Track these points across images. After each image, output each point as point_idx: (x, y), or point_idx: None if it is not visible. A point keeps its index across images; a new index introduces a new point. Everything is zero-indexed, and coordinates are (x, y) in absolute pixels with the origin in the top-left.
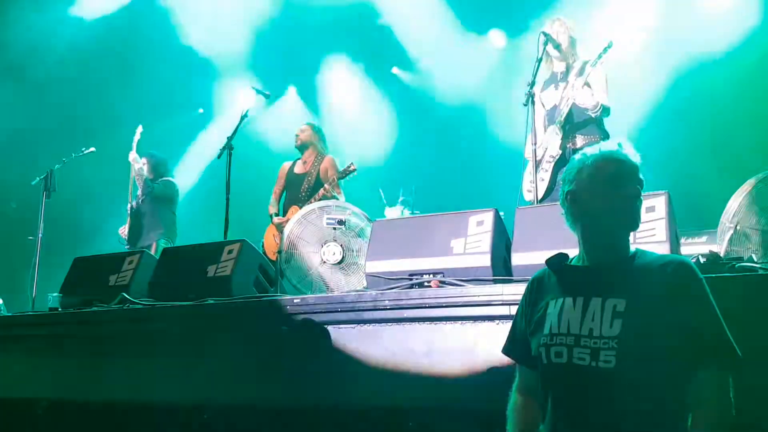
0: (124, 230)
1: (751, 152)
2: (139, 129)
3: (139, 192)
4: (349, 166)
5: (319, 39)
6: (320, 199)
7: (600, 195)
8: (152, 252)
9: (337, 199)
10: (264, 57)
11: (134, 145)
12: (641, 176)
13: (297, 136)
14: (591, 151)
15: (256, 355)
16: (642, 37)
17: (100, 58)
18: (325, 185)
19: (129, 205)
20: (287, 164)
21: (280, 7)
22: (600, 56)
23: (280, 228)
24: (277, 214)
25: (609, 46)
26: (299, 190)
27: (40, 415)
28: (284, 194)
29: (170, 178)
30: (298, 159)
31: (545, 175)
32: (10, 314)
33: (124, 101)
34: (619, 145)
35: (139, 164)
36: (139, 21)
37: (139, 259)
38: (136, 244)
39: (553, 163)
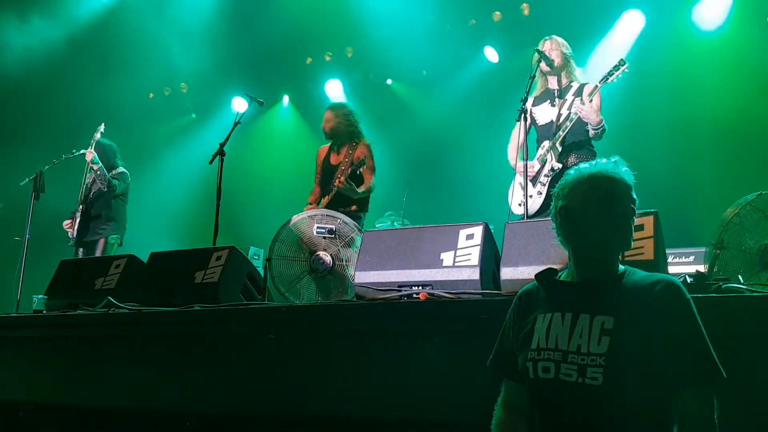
0: (70, 225)
1: (740, 171)
2: (101, 127)
3: (94, 187)
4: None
5: (314, 49)
6: (337, 188)
7: (593, 213)
8: (101, 247)
9: (357, 191)
10: (258, 65)
11: (93, 143)
12: (634, 195)
13: (323, 126)
14: (586, 165)
15: (241, 363)
16: (634, 55)
17: (94, 60)
18: (339, 178)
19: (80, 199)
20: (323, 149)
21: (276, 15)
22: (611, 73)
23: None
24: (312, 203)
25: (621, 64)
26: (332, 182)
27: (23, 418)
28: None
29: (122, 169)
30: (335, 147)
31: (542, 189)
32: None
33: (116, 104)
34: (615, 161)
35: (97, 165)
36: (131, 25)
37: (126, 263)
38: (83, 240)
39: (551, 178)
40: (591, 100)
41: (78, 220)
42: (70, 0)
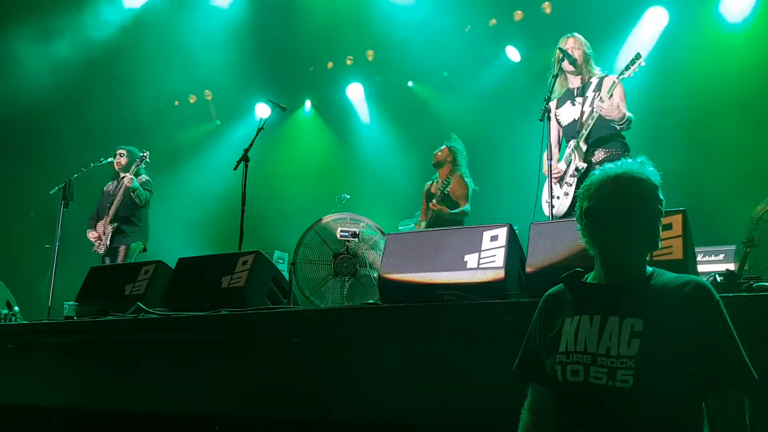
0: (97, 237)
1: None
2: (146, 154)
3: (118, 196)
4: None
5: (335, 53)
6: (431, 209)
7: (620, 215)
8: (124, 254)
9: (447, 212)
10: (280, 70)
11: (133, 169)
12: (661, 196)
13: (434, 155)
14: (611, 166)
15: (268, 367)
16: (658, 52)
17: (119, 70)
18: (433, 201)
19: (110, 214)
20: (428, 184)
21: (297, 21)
22: (627, 68)
23: None
24: None
25: (637, 58)
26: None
27: (54, 423)
28: None
29: (146, 177)
30: (437, 178)
31: (569, 190)
32: (26, 322)
33: (142, 111)
34: (642, 162)
35: (136, 189)
36: (155, 34)
37: (155, 269)
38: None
39: (577, 177)
40: (610, 96)
41: (110, 235)
42: (94, 12)
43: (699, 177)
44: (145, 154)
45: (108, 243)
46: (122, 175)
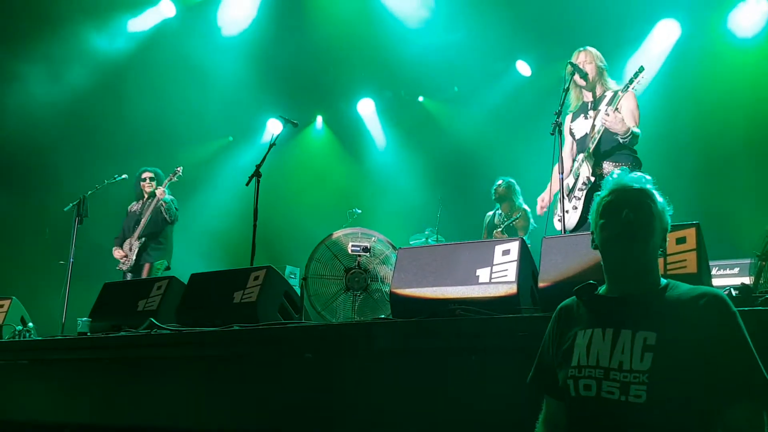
0: (124, 256)
1: None
2: (179, 169)
3: (144, 215)
4: None
5: (345, 68)
6: None
7: (599, 223)
8: (147, 271)
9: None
10: (292, 86)
11: (167, 182)
12: (650, 202)
13: (495, 191)
14: (623, 175)
15: (280, 382)
16: (671, 65)
17: (132, 88)
18: (497, 230)
19: (138, 232)
20: (490, 213)
21: (308, 36)
22: (631, 81)
23: None
24: None
25: (640, 71)
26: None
27: None
28: None
29: (171, 196)
30: (498, 210)
31: (578, 204)
32: (40, 338)
33: (153, 129)
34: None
35: (167, 203)
36: (167, 52)
37: (168, 285)
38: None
39: (585, 191)
40: (616, 109)
41: (136, 252)
42: (103, 36)
43: (713, 190)
44: (179, 169)
45: (134, 258)
46: (147, 197)
